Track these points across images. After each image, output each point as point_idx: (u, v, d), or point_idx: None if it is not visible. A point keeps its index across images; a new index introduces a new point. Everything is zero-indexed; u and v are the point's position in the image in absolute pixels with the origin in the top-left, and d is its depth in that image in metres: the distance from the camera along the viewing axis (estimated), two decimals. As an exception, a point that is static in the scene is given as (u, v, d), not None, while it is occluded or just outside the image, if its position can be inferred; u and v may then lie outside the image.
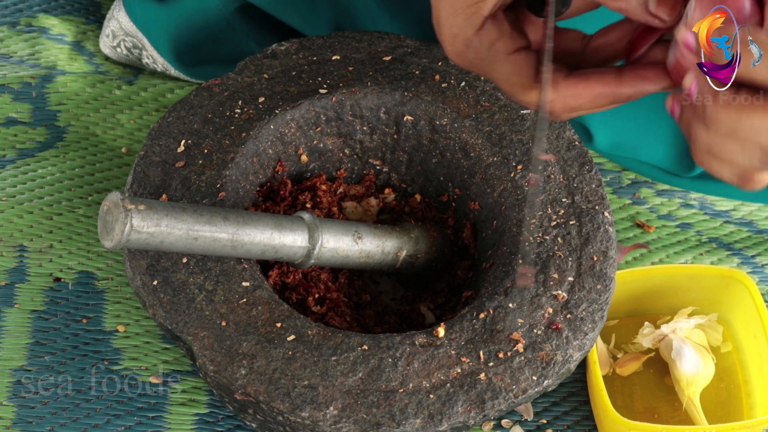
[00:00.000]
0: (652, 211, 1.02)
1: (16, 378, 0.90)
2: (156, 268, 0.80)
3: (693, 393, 0.88)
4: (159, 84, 1.07)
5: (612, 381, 0.89)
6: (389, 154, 0.92)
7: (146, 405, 0.89)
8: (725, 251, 1.00)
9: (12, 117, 1.03)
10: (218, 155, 0.85)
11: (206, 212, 0.76)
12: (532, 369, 0.77)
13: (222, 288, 0.79)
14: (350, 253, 0.83)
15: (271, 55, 0.91)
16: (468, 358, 0.78)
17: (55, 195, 0.99)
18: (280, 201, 0.88)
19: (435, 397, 0.76)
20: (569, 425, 0.90)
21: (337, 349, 0.77)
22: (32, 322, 0.93)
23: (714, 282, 0.92)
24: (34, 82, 1.06)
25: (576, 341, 0.79)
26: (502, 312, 0.80)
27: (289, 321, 0.78)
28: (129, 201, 0.72)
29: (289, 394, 0.75)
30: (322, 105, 0.88)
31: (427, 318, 0.88)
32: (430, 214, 0.92)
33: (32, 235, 0.97)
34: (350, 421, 0.75)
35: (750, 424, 0.85)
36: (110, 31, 1.05)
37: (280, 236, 0.79)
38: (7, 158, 1.01)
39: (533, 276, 0.80)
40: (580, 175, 0.85)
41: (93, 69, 1.07)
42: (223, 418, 0.89)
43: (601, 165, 1.03)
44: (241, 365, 0.76)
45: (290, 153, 0.89)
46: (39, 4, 1.11)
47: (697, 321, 0.91)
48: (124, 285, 0.95)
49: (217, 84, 0.89)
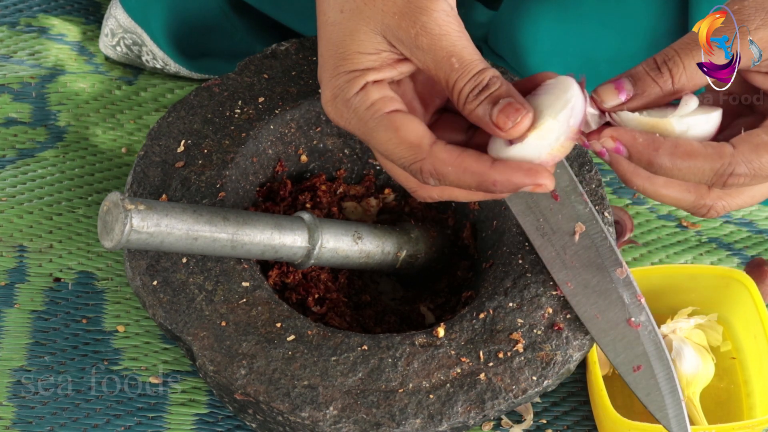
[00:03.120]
0: (652, 211, 1.02)
1: (16, 378, 0.90)
2: (156, 268, 0.80)
3: (693, 393, 0.88)
4: (159, 84, 1.07)
5: (612, 381, 0.89)
6: (389, 154, 0.92)
7: (146, 405, 0.89)
8: (725, 251, 1.00)
9: (12, 117, 1.03)
10: (218, 155, 0.85)
11: (206, 212, 0.76)
12: (532, 369, 0.77)
13: (222, 288, 0.79)
14: (350, 253, 0.83)
15: (271, 55, 0.91)
16: (468, 358, 0.78)
17: (55, 195, 0.99)
18: (280, 201, 0.88)
19: (435, 397, 0.76)
20: (569, 425, 0.90)
21: (337, 349, 0.77)
22: (32, 322, 0.93)
23: (714, 282, 0.92)
24: (34, 82, 1.06)
25: (576, 341, 0.79)
26: (502, 312, 0.80)
27: (289, 321, 0.78)
28: (129, 201, 0.72)
29: (289, 394, 0.75)
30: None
31: (427, 318, 0.88)
32: (430, 214, 0.92)
33: (32, 235, 0.97)
34: (350, 421, 0.75)
35: (750, 424, 0.85)
36: (109, 30, 1.05)
37: (280, 236, 0.79)
38: (7, 158, 1.01)
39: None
40: (580, 175, 0.85)
41: (93, 69, 1.07)
42: (223, 418, 0.89)
43: (601, 165, 1.03)
44: (241, 365, 0.76)
45: (290, 153, 0.89)
46: (39, 4, 1.11)
47: (697, 321, 0.91)
48: (124, 285, 0.95)
49: (217, 84, 0.89)
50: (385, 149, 0.69)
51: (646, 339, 0.78)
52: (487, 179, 0.67)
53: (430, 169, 0.68)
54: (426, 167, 0.68)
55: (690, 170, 0.67)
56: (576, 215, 0.80)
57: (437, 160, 0.67)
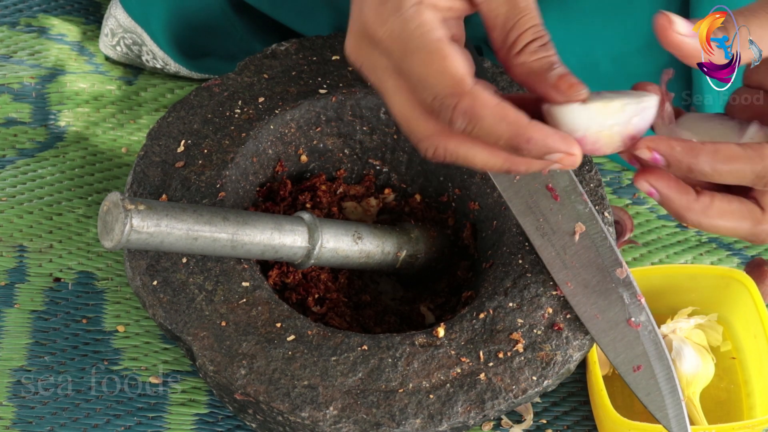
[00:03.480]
0: (652, 211, 1.02)
1: (16, 378, 0.90)
2: (156, 268, 0.80)
3: (693, 393, 0.88)
4: (159, 84, 1.07)
5: (612, 381, 0.89)
6: (389, 154, 0.92)
7: (146, 405, 0.89)
8: (725, 251, 1.00)
9: (12, 117, 1.03)
10: (218, 155, 0.85)
11: (206, 212, 0.76)
12: (532, 369, 0.77)
13: (222, 288, 0.79)
14: (350, 253, 0.83)
15: (271, 55, 0.91)
16: (468, 358, 0.78)
17: (54, 195, 0.99)
18: (280, 201, 0.88)
19: (435, 397, 0.76)
20: (569, 425, 0.90)
21: (337, 349, 0.77)
22: (32, 322, 0.93)
23: (714, 282, 0.92)
24: (34, 82, 1.06)
25: (576, 341, 0.79)
26: (502, 312, 0.80)
27: (289, 321, 0.78)
28: (129, 201, 0.72)
29: (289, 394, 0.75)
30: (322, 105, 0.88)
31: (427, 318, 0.88)
32: (430, 214, 0.92)
33: (32, 235, 0.97)
34: (350, 421, 0.75)
35: (750, 424, 0.85)
36: (109, 30, 1.05)
37: (280, 236, 0.79)
38: (7, 158, 1.01)
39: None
40: (579, 175, 0.85)
41: (93, 69, 1.07)
42: (223, 418, 0.89)
43: (601, 165, 1.03)
44: (240, 365, 0.76)
45: (290, 153, 0.89)
46: (39, 4, 1.11)
47: (697, 321, 0.91)
48: (124, 285, 0.95)
49: (217, 84, 0.89)
50: (421, 74, 0.64)
51: (646, 339, 0.78)
52: (523, 133, 0.64)
53: (466, 108, 0.63)
54: (463, 104, 0.63)
55: (731, 173, 0.66)
56: (576, 215, 0.80)
57: (477, 99, 0.63)
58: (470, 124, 0.64)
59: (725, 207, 0.69)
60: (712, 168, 0.66)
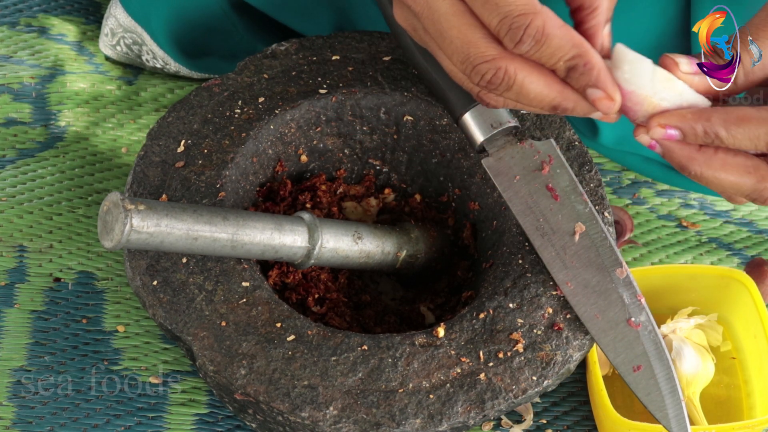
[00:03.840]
0: (652, 211, 1.02)
1: (16, 378, 0.90)
2: (156, 268, 0.80)
3: (693, 393, 0.88)
4: (159, 84, 1.07)
5: (612, 381, 0.89)
6: (389, 154, 0.92)
7: (146, 405, 0.89)
8: (725, 251, 1.00)
9: (12, 117, 1.03)
10: (218, 155, 0.85)
11: (206, 212, 0.76)
12: (532, 369, 0.77)
13: (222, 288, 0.79)
14: (350, 253, 0.83)
15: (271, 55, 0.91)
16: (468, 358, 0.78)
17: (54, 195, 0.99)
18: (280, 201, 0.88)
19: (435, 397, 0.76)
20: (569, 425, 0.90)
21: (337, 349, 0.77)
22: (32, 322, 0.93)
23: (714, 282, 0.92)
24: (34, 82, 1.06)
25: (576, 341, 0.79)
26: (502, 312, 0.80)
27: (289, 321, 0.78)
28: (129, 201, 0.72)
29: (289, 394, 0.75)
30: (322, 105, 0.88)
31: (427, 318, 0.88)
32: (430, 214, 0.92)
33: (32, 235, 0.97)
34: (350, 421, 0.75)
35: (750, 424, 0.85)
36: (109, 30, 1.05)
37: (280, 236, 0.79)
38: (7, 158, 1.01)
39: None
40: (579, 175, 0.85)
41: (93, 69, 1.07)
42: (223, 418, 0.89)
43: (601, 165, 1.03)
44: (240, 365, 0.76)
45: (290, 153, 0.89)
46: (39, 4, 1.11)
47: (697, 321, 0.91)
48: (124, 285, 0.95)
49: (217, 84, 0.89)
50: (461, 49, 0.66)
51: (646, 339, 0.78)
52: (586, 54, 0.66)
53: (539, 26, 0.65)
54: (536, 22, 0.65)
55: (746, 135, 0.66)
56: (576, 215, 0.80)
57: (549, 19, 0.66)
58: (537, 44, 0.66)
59: (729, 159, 0.68)
60: (727, 131, 0.66)
